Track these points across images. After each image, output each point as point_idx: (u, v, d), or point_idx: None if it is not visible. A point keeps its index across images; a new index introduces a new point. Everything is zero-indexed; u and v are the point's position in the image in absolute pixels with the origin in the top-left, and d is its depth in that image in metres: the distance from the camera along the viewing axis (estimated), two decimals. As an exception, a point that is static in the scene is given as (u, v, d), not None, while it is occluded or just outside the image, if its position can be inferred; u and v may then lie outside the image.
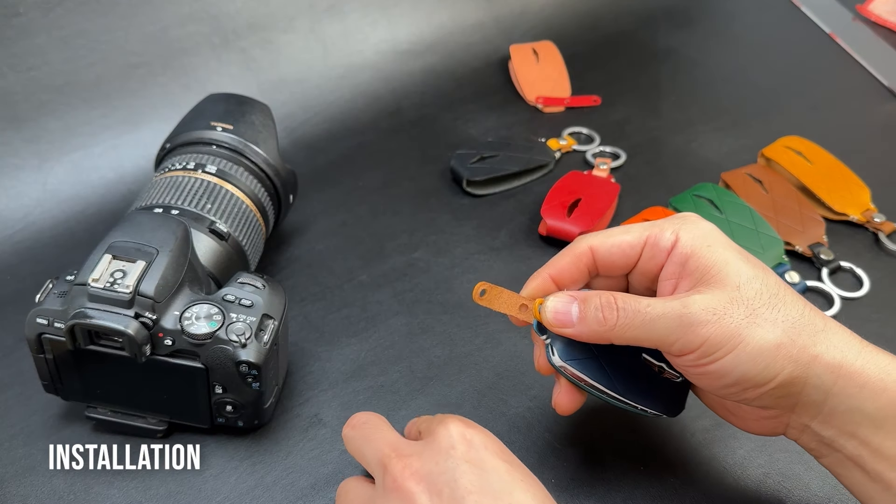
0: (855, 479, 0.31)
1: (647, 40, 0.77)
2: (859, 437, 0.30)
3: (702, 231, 0.32)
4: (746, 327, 0.29)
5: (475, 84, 0.69)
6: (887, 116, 0.69)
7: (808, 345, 0.30)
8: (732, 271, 0.30)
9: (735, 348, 0.29)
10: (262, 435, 0.40)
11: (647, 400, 0.34)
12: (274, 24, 0.65)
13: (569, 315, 0.32)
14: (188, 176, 0.43)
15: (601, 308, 0.31)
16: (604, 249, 0.33)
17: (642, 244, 0.33)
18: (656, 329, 0.30)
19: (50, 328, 0.35)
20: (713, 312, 0.29)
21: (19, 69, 0.55)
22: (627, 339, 0.31)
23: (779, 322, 0.30)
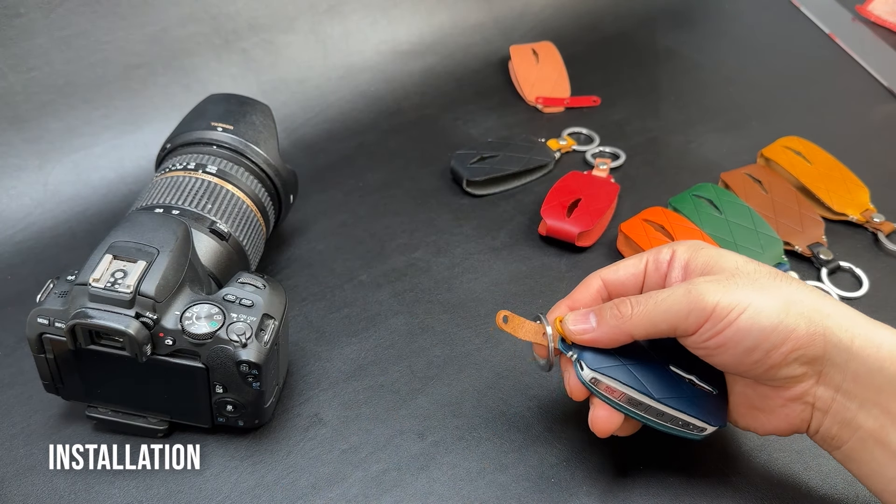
0: (875, 462, 0.31)
1: (647, 41, 0.78)
2: (881, 406, 0.31)
3: (694, 242, 0.35)
4: (752, 291, 0.31)
5: (475, 84, 0.70)
6: (887, 116, 0.69)
7: (817, 306, 0.31)
8: (728, 259, 0.33)
9: (746, 308, 0.31)
10: (263, 434, 0.40)
11: (690, 407, 0.34)
12: (274, 24, 0.65)
13: (588, 321, 0.34)
14: (189, 176, 0.43)
15: (616, 306, 0.33)
16: (613, 278, 0.36)
17: (645, 264, 0.36)
18: (669, 308, 0.32)
19: (51, 328, 0.35)
20: (717, 282, 0.32)
21: (20, 70, 0.55)
22: (645, 326, 0.32)
23: (782, 288, 0.32)
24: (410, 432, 0.40)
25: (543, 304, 0.48)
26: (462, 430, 0.40)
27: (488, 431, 0.40)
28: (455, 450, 0.39)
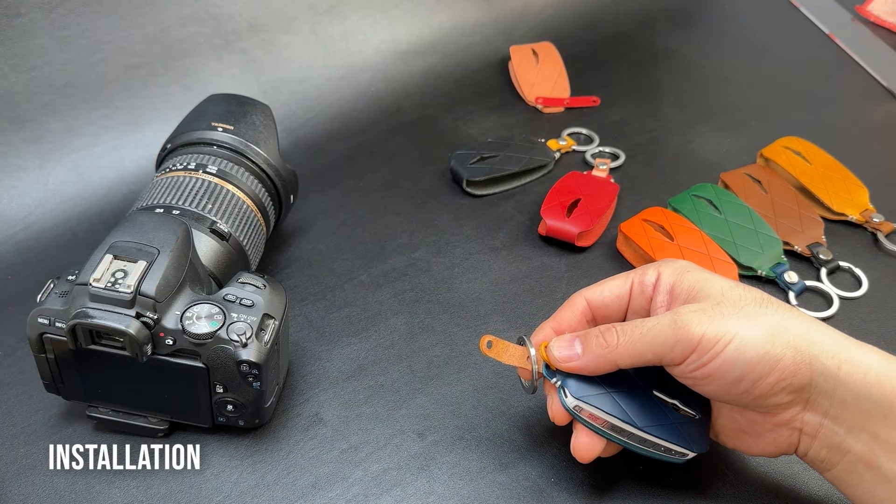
0: (866, 484, 0.31)
1: (647, 41, 0.78)
2: (869, 430, 0.30)
3: (680, 264, 0.35)
4: (737, 321, 0.31)
5: (475, 85, 0.70)
6: (886, 116, 0.69)
7: (802, 333, 0.31)
8: (713, 285, 0.33)
9: (732, 340, 0.30)
10: (263, 434, 0.40)
11: (671, 435, 0.34)
12: (275, 24, 0.65)
13: (573, 348, 0.34)
14: (189, 176, 0.43)
15: (601, 334, 0.33)
16: (597, 298, 0.36)
17: (630, 286, 0.35)
18: (655, 339, 0.32)
19: (51, 328, 0.35)
20: (703, 312, 0.31)
21: (21, 70, 0.55)
22: (630, 356, 0.32)
23: (768, 315, 0.31)
24: (410, 432, 0.40)
25: (543, 304, 0.48)
26: (462, 429, 0.40)
27: (488, 431, 0.40)
28: (455, 450, 0.39)
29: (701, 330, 0.31)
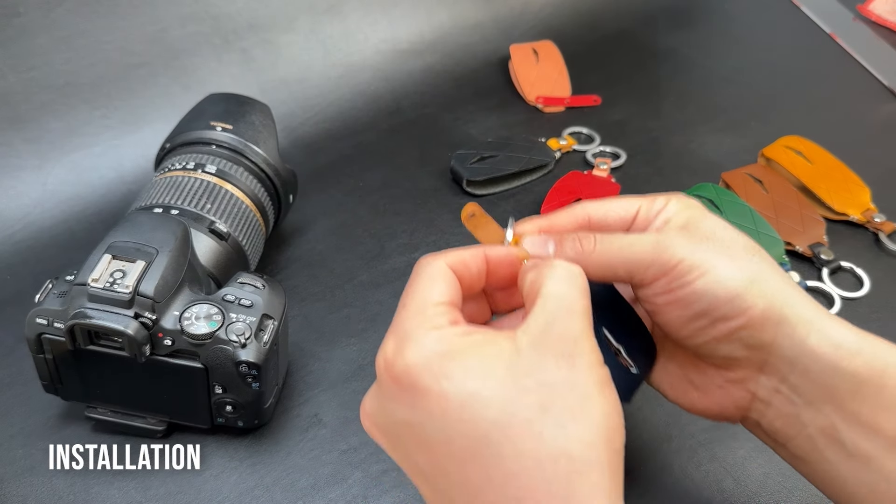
0: (827, 462, 0.30)
1: (648, 40, 0.77)
2: (834, 403, 0.29)
3: (689, 201, 0.33)
4: (720, 258, 0.29)
5: (475, 84, 0.69)
6: (887, 116, 0.69)
7: (782, 290, 0.29)
8: (709, 224, 0.31)
9: (708, 272, 0.29)
10: (262, 435, 0.40)
11: None
12: (274, 24, 0.65)
13: (546, 248, 0.31)
14: (188, 176, 0.43)
15: (578, 238, 0.31)
16: (600, 214, 0.33)
17: (636, 211, 0.33)
18: (632, 254, 0.30)
19: (50, 328, 0.35)
20: (689, 239, 0.30)
21: (20, 69, 0.55)
22: (602, 266, 0.30)
23: (754, 263, 0.29)
24: (410, 433, 0.40)
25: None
26: (462, 430, 0.40)
27: (488, 432, 0.40)
28: (455, 450, 0.39)
29: (681, 254, 0.29)
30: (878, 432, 0.28)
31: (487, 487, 0.24)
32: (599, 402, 0.25)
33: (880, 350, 0.29)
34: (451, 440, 0.24)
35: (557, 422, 0.24)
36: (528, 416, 0.24)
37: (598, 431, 0.24)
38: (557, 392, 0.24)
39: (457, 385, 0.24)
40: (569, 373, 0.24)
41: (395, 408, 0.26)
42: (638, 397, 0.42)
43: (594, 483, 0.23)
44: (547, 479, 0.23)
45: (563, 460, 0.23)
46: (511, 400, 0.24)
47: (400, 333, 0.26)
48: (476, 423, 0.24)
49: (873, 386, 0.28)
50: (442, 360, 0.25)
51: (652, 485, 0.38)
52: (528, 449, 0.23)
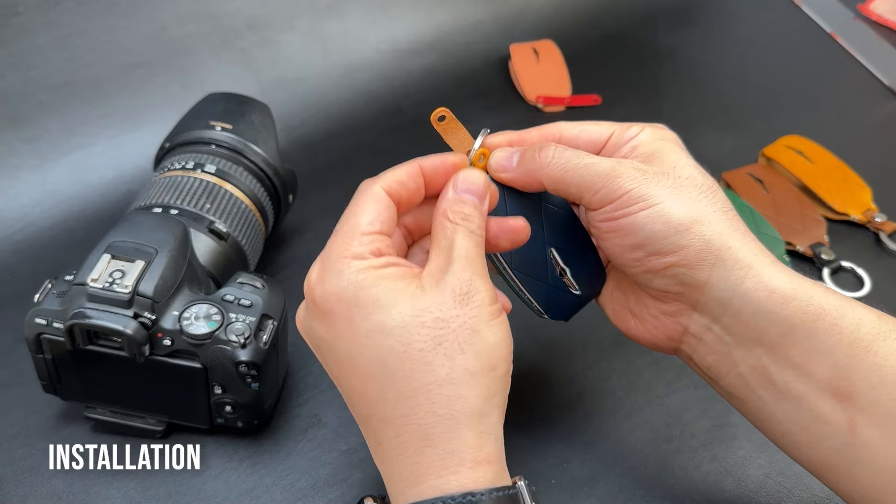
0: (760, 400, 0.31)
1: (648, 40, 0.77)
2: (765, 344, 0.30)
3: (664, 132, 0.33)
4: (668, 194, 0.30)
5: (475, 83, 0.69)
6: (888, 116, 0.68)
7: (724, 233, 0.30)
8: (672, 159, 0.31)
9: (651, 206, 0.30)
10: (262, 435, 0.40)
11: (537, 290, 0.34)
12: (274, 23, 0.65)
13: (510, 161, 0.32)
14: (187, 176, 0.43)
15: (539, 149, 0.32)
16: (572, 133, 0.34)
17: (609, 134, 0.33)
18: (585, 175, 0.30)
19: (49, 328, 0.35)
20: (642, 172, 0.30)
21: (19, 69, 0.54)
22: (555, 179, 0.31)
23: (701, 204, 0.30)
24: (410, 433, 0.40)
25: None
26: (462, 430, 0.40)
27: (488, 432, 0.40)
28: (455, 451, 0.39)
29: (629, 185, 0.30)
30: (809, 375, 0.29)
31: (381, 403, 0.28)
32: (486, 335, 0.28)
33: (816, 296, 0.29)
34: (354, 360, 0.28)
35: (447, 353, 0.27)
36: (421, 348, 0.27)
37: (481, 361, 0.28)
38: (450, 327, 0.27)
39: (364, 314, 0.28)
40: (461, 310, 0.28)
41: (315, 325, 0.30)
42: (639, 399, 0.42)
43: (472, 405, 0.27)
44: (431, 400, 0.27)
45: (447, 386, 0.27)
46: (409, 332, 0.27)
47: (325, 261, 0.30)
48: (377, 348, 0.28)
49: (805, 331, 0.29)
50: (356, 290, 0.28)
51: (652, 485, 0.38)
52: (418, 375, 0.27)
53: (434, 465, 0.27)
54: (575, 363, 0.44)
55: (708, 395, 0.42)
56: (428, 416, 0.27)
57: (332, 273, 0.29)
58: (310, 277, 0.30)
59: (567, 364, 0.44)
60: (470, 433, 0.27)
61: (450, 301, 0.28)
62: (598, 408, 0.42)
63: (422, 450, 0.27)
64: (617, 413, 0.41)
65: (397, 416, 0.28)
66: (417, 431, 0.27)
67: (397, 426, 0.28)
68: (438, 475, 0.27)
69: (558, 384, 0.43)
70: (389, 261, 0.29)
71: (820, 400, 0.29)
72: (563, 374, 0.44)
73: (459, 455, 0.27)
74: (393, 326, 0.27)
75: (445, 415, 0.27)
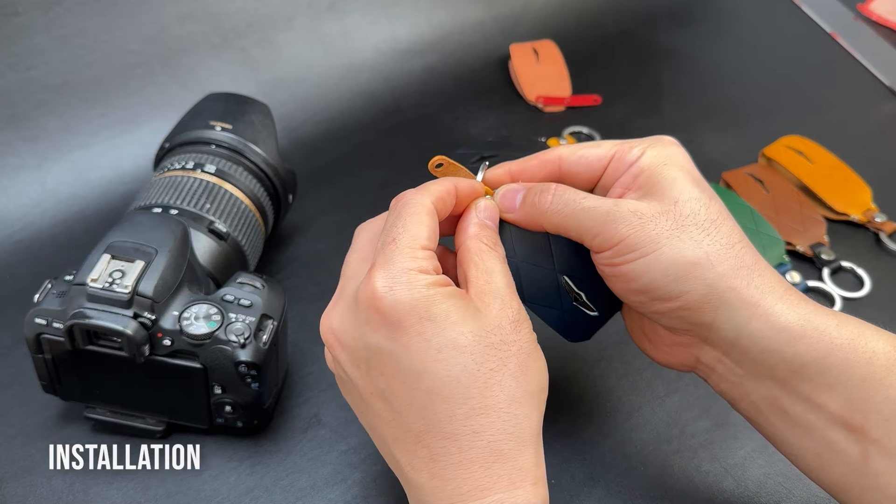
0: (773, 426, 0.31)
1: (648, 40, 0.77)
2: (776, 378, 0.30)
3: (667, 152, 0.32)
4: (668, 238, 0.29)
5: (475, 83, 0.69)
6: (888, 116, 0.68)
7: (727, 274, 0.29)
8: (676, 188, 0.31)
9: (649, 254, 0.29)
10: (262, 435, 0.40)
11: (551, 317, 0.34)
12: (273, 23, 0.65)
13: (514, 201, 0.33)
14: (187, 176, 0.43)
15: (539, 192, 0.32)
16: (572, 160, 0.34)
17: (609, 158, 0.33)
18: (582, 220, 0.31)
19: (48, 328, 0.35)
20: (639, 216, 0.30)
21: (18, 68, 0.54)
22: (555, 224, 0.32)
23: (704, 244, 0.29)
24: (410, 433, 0.40)
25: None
26: (462, 430, 0.40)
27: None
28: (455, 451, 0.39)
29: (626, 232, 0.30)
30: (821, 408, 0.29)
31: (448, 420, 0.28)
32: (536, 359, 0.29)
33: (828, 331, 0.29)
34: (422, 375, 0.28)
35: (513, 375, 0.28)
36: (492, 367, 0.28)
37: (536, 383, 0.29)
38: (511, 351, 0.29)
39: (437, 329, 0.28)
40: (517, 335, 0.29)
41: (371, 334, 0.29)
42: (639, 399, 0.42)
43: (534, 425, 0.29)
44: (501, 418, 0.28)
45: (515, 405, 0.28)
46: (481, 352, 0.28)
47: (392, 270, 0.29)
48: (450, 365, 0.28)
49: (816, 368, 0.29)
50: (429, 304, 0.28)
51: (652, 485, 0.38)
52: (490, 393, 0.28)
53: (502, 480, 0.28)
54: (575, 363, 0.44)
55: (708, 394, 0.42)
56: (498, 433, 0.28)
57: (401, 284, 0.29)
58: (374, 285, 0.29)
59: (567, 364, 0.44)
60: (532, 451, 0.28)
61: (507, 326, 0.29)
62: (598, 408, 0.42)
63: (490, 466, 0.28)
64: (617, 413, 0.41)
65: (466, 433, 0.28)
66: (487, 448, 0.28)
67: (464, 443, 0.28)
68: (506, 490, 0.27)
69: (558, 384, 0.43)
70: (447, 279, 0.30)
71: (832, 431, 0.29)
72: (563, 374, 0.44)
73: (525, 472, 0.28)
74: (466, 344, 0.28)
75: (514, 433, 0.28)
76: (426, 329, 0.28)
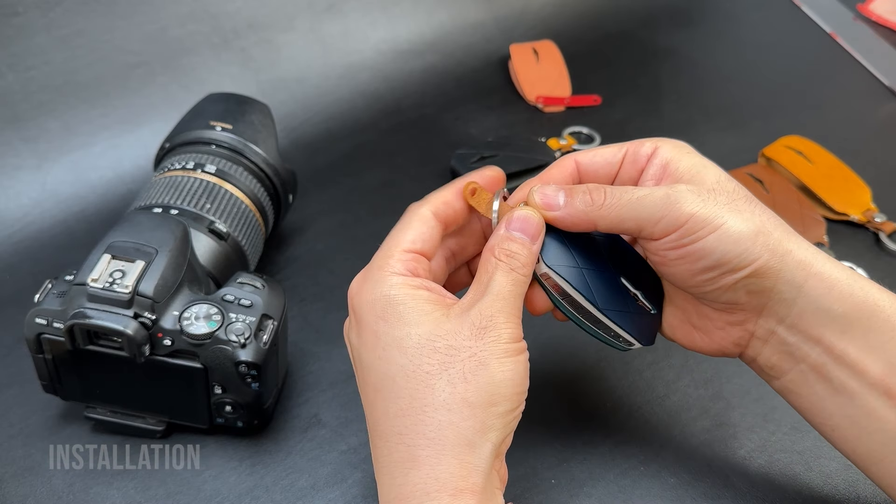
0: (815, 394, 0.32)
1: (648, 40, 0.77)
2: (824, 343, 0.31)
3: (679, 144, 0.34)
4: (728, 212, 0.30)
5: (475, 84, 0.69)
6: (888, 116, 0.68)
7: (782, 239, 0.31)
8: (710, 172, 0.32)
9: (718, 228, 0.30)
10: (262, 435, 0.40)
11: (625, 323, 0.34)
12: (273, 23, 0.65)
13: (556, 199, 0.32)
14: (187, 176, 0.43)
15: (589, 191, 0.32)
16: (587, 161, 0.34)
17: (623, 154, 0.34)
18: (643, 207, 0.31)
19: (49, 328, 0.35)
20: (698, 194, 0.30)
21: (18, 69, 0.54)
22: (612, 220, 0.31)
23: (756, 214, 0.31)
24: (410, 433, 0.40)
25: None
26: (462, 430, 0.40)
27: (488, 432, 0.40)
28: (455, 451, 0.39)
29: (692, 209, 0.30)
30: (863, 373, 0.30)
31: (384, 418, 0.29)
32: (494, 371, 0.28)
33: (872, 292, 0.31)
34: (370, 371, 0.29)
35: (450, 380, 0.28)
36: (428, 370, 0.28)
37: (481, 395, 0.28)
38: (459, 356, 0.28)
39: (388, 328, 0.29)
40: (474, 342, 0.28)
41: (352, 333, 0.31)
42: (639, 399, 0.43)
43: (461, 434, 0.27)
44: (426, 423, 0.28)
45: (442, 411, 0.27)
46: (421, 353, 0.28)
47: (367, 271, 0.31)
48: (391, 364, 0.29)
49: (861, 327, 0.30)
50: (386, 304, 0.29)
51: (652, 485, 0.38)
52: (419, 396, 0.28)
53: (417, 488, 0.27)
54: (575, 363, 0.44)
55: (708, 394, 0.42)
56: (417, 438, 0.28)
57: (370, 283, 0.30)
58: (352, 286, 0.31)
59: (567, 364, 0.44)
60: (455, 461, 0.27)
61: (466, 332, 0.28)
62: (598, 408, 0.42)
63: (408, 472, 0.28)
64: (617, 413, 0.41)
65: (393, 434, 0.28)
66: (407, 452, 0.28)
67: (391, 444, 0.28)
68: (420, 500, 0.27)
69: (558, 384, 0.43)
70: (425, 283, 0.30)
71: (872, 397, 0.30)
72: (564, 374, 0.44)
73: (442, 482, 0.27)
74: (409, 346, 0.28)
75: (435, 438, 0.27)
76: (380, 327, 0.29)
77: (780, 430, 0.40)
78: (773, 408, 0.41)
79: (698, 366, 0.44)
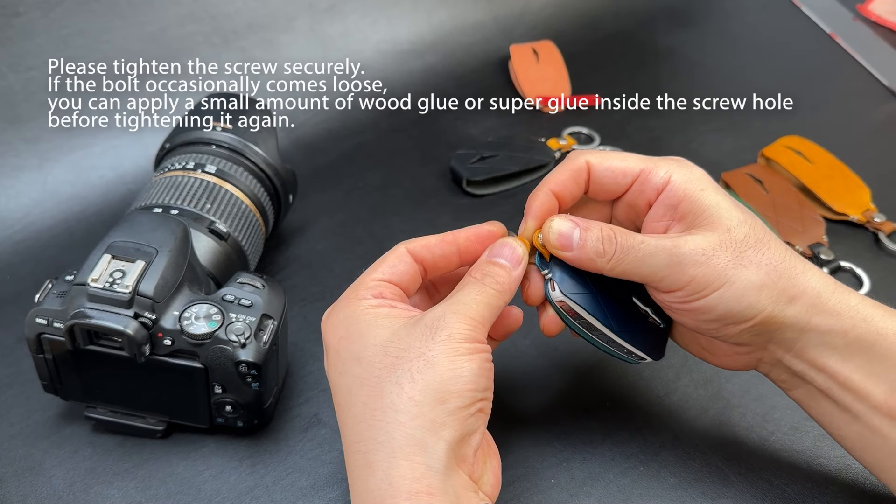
0: (824, 409, 0.34)
1: (648, 40, 0.77)
2: (828, 371, 0.32)
3: (695, 175, 0.33)
4: (733, 269, 0.31)
5: (475, 84, 0.69)
6: (887, 116, 0.68)
7: (787, 287, 0.31)
8: (724, 215, 0.32)
9: (720, 287, 0.31)
10: (262, 435, 0.40)
11: (637, 341, 0.34)
12: (274, 23, 0.65)
13: (570, 239, 0.32)
14: (187, 176, 0.43)
15: (602, 239, 0.32)
16: (599, 168, 0.34)
17: (636, 175, 0.33)
18: (648, 265, 0.31)
19: (49, 328, 0.35)
20: (702, 253, 0.31)
21: (19, 69, 0.55)
22: (619, 272, 0.32)
23: (763, 264, 0.31)
24: (410, 433, 0.40)
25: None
26: (462, 430, 0.40)
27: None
28: (455, 450, 0.39)
29: (694, 272, 0.31)
30: (867, 397, 0.32)
31: (345, 430, 0.29)
32: (442, 369, 0.28)
33: (875, 320, 0.32)
34: (335, 389, 0.30)
35: (397, 381, 0.28)
36: (378, 375, 0.28)
37: (428, 393, 0.27)
38: (407, 357, 0.28)
39: (347, 344, 0.30)
40: (423, 342, 0.28)
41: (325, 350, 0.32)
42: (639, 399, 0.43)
43: (409, 434, 0.27)
44: (376, 427, 0.27)
45: (389, 412, 0.27)
46: (374, 361, 0.28)
47: (337, 302, 0.32)
48: (348, 377, 0.29)
49: (864, 356, 0.31)
50: (347, 323, 0.30)
51: (652, 485, 0.38)
52: (370, 402, 0.28)
53: (374, 495, 0.27)
54: (575, 363, 0.44)
55: (708, 394, 0.42)
56: (369, 443, 0.27)
57: (336, 309, 0.32)
58: (323, 317, 0.32)
59: (567, 364, 0.44)
60: (405, 463, 0.27)
61: (417, 333, 0.29)
62: (598, 408, 0.42)
63: (366, 479, 0.27)
64: (617, 413, 0.41)
65: (351, 444, 0.28)
66: (363, 459, 0.28)
67: (351, 454, 0.28)
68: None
69: (558, 384, 0.43)
70: (386, 302, 0.31)
71: (877, 418, 0.32)
72: (563, 373, 0.44)
73: (395, 486, 0.26)
74: (364, 356, 0.29)
75: (385, 442, 0.27)
76: (342, 345, 0.30)
77: (780, 430, 0.40)
78: (773, 408, 0.41)
79: (698, 366, 0.44)
